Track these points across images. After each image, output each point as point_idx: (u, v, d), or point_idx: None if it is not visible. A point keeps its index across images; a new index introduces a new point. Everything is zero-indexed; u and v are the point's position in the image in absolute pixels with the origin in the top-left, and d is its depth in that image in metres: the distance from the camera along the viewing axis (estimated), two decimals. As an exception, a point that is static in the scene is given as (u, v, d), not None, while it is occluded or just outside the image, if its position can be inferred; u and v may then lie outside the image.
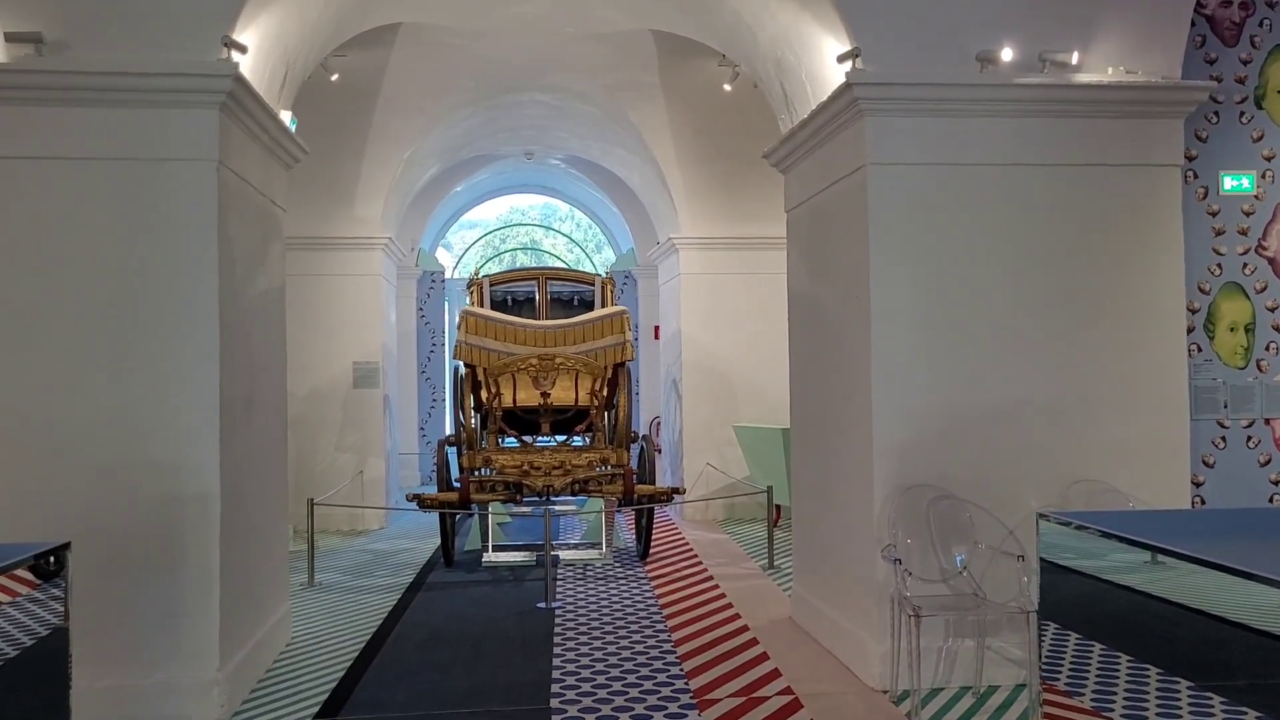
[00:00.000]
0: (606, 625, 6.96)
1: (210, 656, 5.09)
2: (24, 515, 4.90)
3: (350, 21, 7.11)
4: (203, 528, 5.09)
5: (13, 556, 3.37)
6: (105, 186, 5.08)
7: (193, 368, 5.09)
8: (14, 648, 3.41)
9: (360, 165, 11.07)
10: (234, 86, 5.14)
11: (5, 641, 3.37)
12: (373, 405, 11.56)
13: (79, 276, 5.05)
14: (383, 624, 7.08)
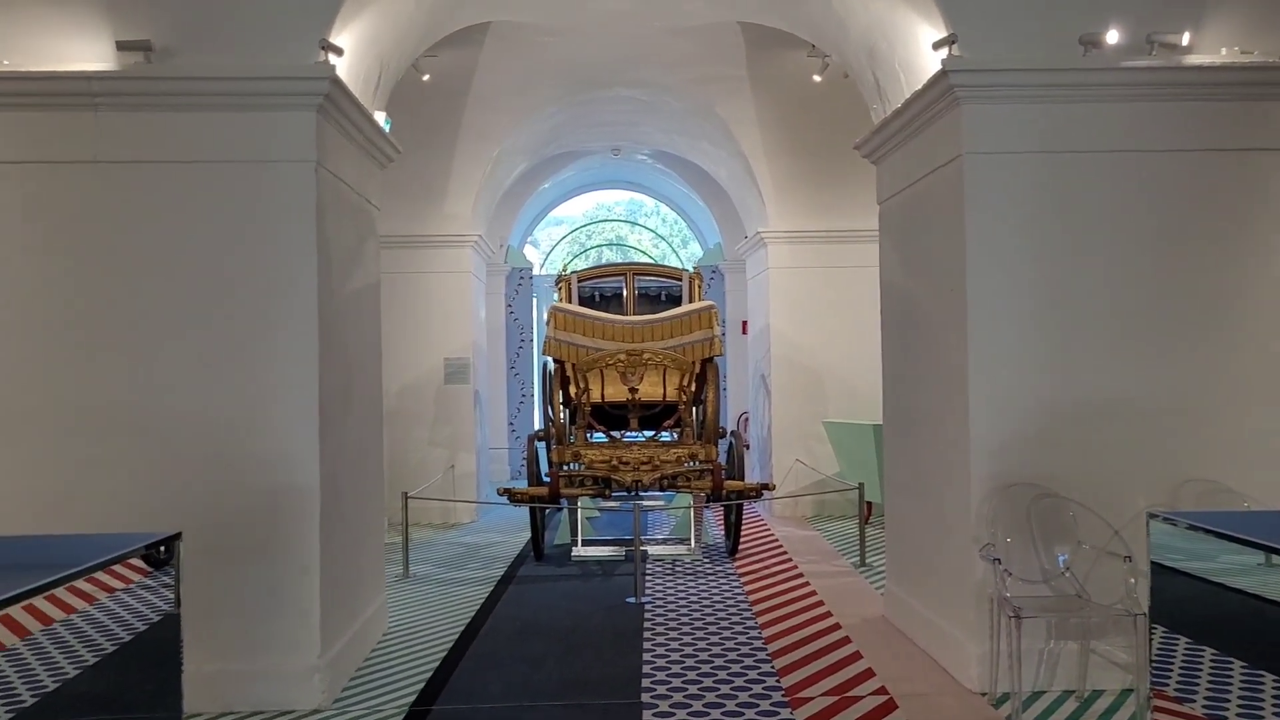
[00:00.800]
0: (696, 621, 6.94)
1: (311, 644, 5.21)
2: (138, 506, 5.08)
3: (441, 22, 7.21)
4: (303, 519, 5.21)
5: (128, 545, 3.49)
6: (210, 189, 5.22)
7: (293, 364, 5.21)
8: (130, 632, 3.53)
9: (451, 164, 11.22)
10: (330, 89, 5.24)
11: (122, 626, 3.49)
12: (463, 401, 11.72)
13: (187, 277, 5.21)
14: (475, 616, 7.18)
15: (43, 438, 5.14)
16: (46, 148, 5.18)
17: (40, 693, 2.97)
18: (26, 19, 5.19)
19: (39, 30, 5.20)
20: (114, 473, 5.14)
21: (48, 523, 4.93)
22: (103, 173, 5.20)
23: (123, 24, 5.18)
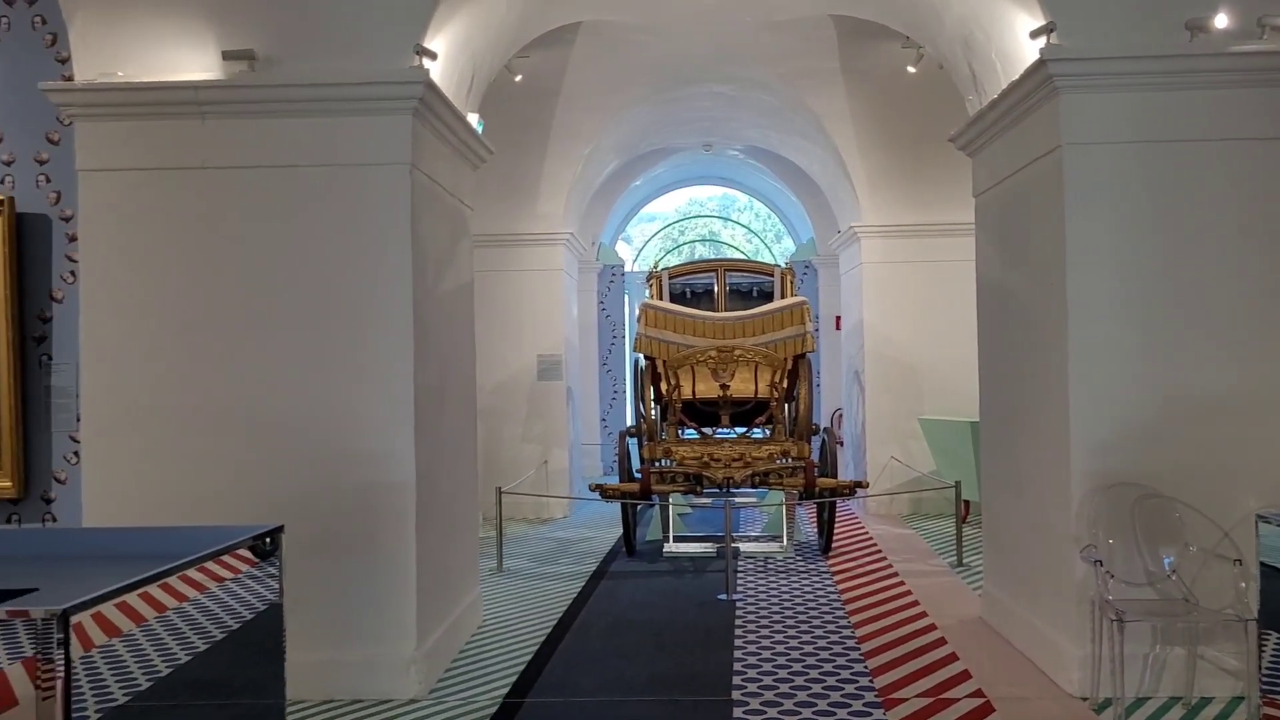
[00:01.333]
0: (788, 618, 6.91)
1: (408, 636, 5.33)
2: (244, 500, 5.26)
3: (532, 23, 7.29)
4: (400, 513, 5.34)
5: (234, 538, 3.62)
6: (310, 192, 5.38)
7: (389, 362, 5.34)
8: (237, 621, 3.66)
9: (543, 163, 11.34)
10: (425, 92, 5.35)
11: (229, 615, 3.62)
12: (556, 397, 11.84)
13: (288, 278, 5.37)
14: (568, 610, 7.26)
15: (159, 435, 5.36)
16: (158, 155, 5.40)
17: (154, 676, 3.10)
18: (139, 32, 5.41)
19: (150, 43, 5.41)
20: (223, 468, 5.34)
21: (162, 514, 5.14)
22: (210, 178, 5.39)
23: (228, 35, 5.37)
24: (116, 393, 5.39)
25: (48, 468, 5.66)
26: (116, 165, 5.42)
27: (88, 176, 5.42)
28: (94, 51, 5.43)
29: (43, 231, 5.67)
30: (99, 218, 5.43)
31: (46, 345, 5.67)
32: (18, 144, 5.67)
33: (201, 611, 3.40)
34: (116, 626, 2.91)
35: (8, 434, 5.57)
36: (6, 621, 2.53)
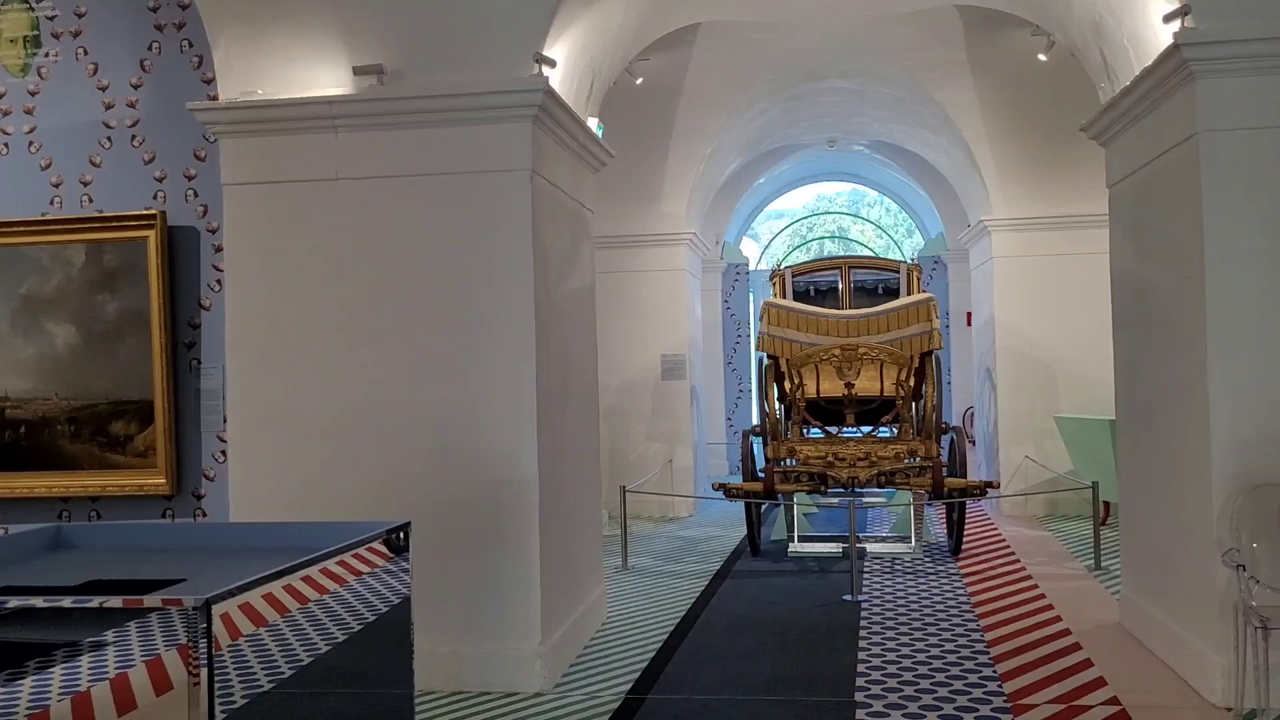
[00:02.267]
0: (915, 621, 6.80)
1: (533, 631, 5.46)
2: (377, 497, 5.48)
3: (650, 27, 7.36)
4: (524, 510, 5.47)
5: (365, 533, 3.79)
6: (435, 199, 5.56)
7: (512, 363, 5.48)
8: (371, 613, 3.82)
9: (664, 163, 11.41)
10: (544, 99, 5.47)
11: (365, 607, 3.78)
12: (680, 396, 11.90)
13: (416, 283, 5.56)
14: (691, 608, 7.30)
15: (298, 435, 5.62)
16: (295, 168, 5.66)
17: (296, 665, 3.26)
18: (276, 51, 5.69)
19: (287, 61, 5.68)
20: (357, 467, 5.57)
21: (302, 510, 5.40)
22: (342, 189, 5.63)
23: (358, 51, 5.59)
24: (259, 395, 5.68)
25: (198, 466, 6.01)
26: (257, 179, 5.71)
27: (231, 190, 5.73)
28: (236, 71, 5.73)
29: (192, 243, 6.01)
30: (242, 229, 5.73)
31: (196, 350, 6.02)
32: (169, 161, 6.02)
33: (339, 604, 3.56)
34: (263, 617, 3.07)
35: (162, 434, 5.93)
36: (159, 609, 2.71)
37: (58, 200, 6.10)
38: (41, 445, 6.04)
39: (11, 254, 6.03)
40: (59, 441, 6.03)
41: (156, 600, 2.76)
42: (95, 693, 2.86)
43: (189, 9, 5.92)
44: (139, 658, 2.85)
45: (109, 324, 6.02)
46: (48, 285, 6.04)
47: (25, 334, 6.04)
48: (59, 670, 2.94)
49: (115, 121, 6.06)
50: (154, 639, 2.85)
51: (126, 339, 6.00)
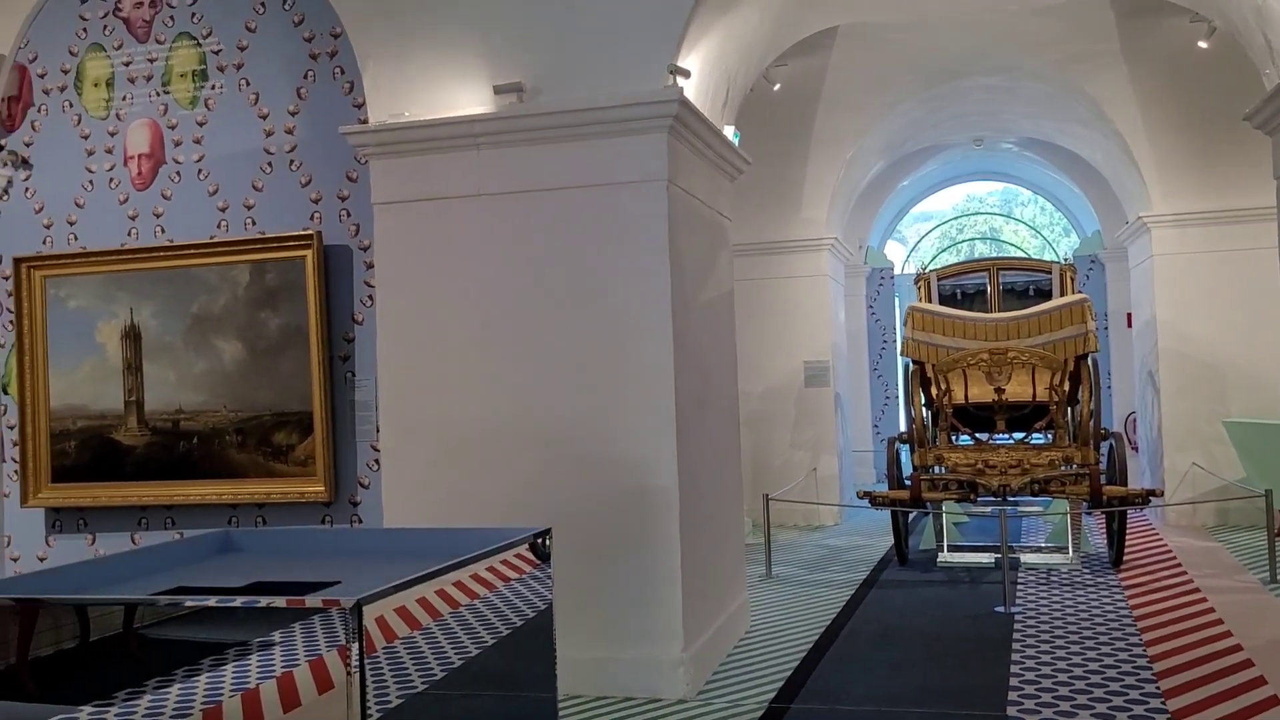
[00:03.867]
0: (1072, 634, 6.52)
1: (675, 638, 5.49)
2: (522, 504, 5.60)
3: (786, 33, 7.32)
4: (664, 518, 5.50)
5: (508, 539, 3.88)
6: (573, 212, 5.66)
7: (650, 371, 5.53)
8: (518, 617, 3.91)
9: (804, 169, 11.32)
10: (680, 110, 5.51)
11: (512, 612, 3.87)
12: (824, 403, 11.76)
13: (556, 294, 5.68)
14: (837, 618, 7.20)
15: (446, 444, 5.81)
16: (440, 185, 5.86)
17: (447, 667, 3.37)
18: (421, 74, 5.91)
19: (431, 83, 5.89)
20: (502, 475, 5.71)
21: (450, 517, 5.57)
22: (485, 204, 5.80)
23: (498, 70, 5.76)
24: (409, 406, 5.89)
25: (354, 474, 6.27)
26: (405, 197, 5.93)
27: (381, 209, 5.98)
28: (384, 95, 5.98)
29: (345, 260, 6.29)
30: (390, 246, 5.97)
31: (350, 363, 6.29)
32: (323, 183, 6.32)
33: (486, 608, 3.66)
34: (416, 620, 3.19)
35: (320, 444, 6.22)
36: (318, 610, 2.85)
37: (224, 223, 6.48)
38: (212, 455, 6.41)
39: (184, 275, 6.43)
40: (227, 451, 6.39)
41: (313, 601, 2.89)
42: (264, 690, 3.01)
43: (340, 37, 6.20)
44: (303, 657, 2.99)
45: (271, 340, 6.34)
46: (216, 304, 6.41)
47: (197, 350, 6.43)
48: (230, 668, 3.10)
49: (275, 147, 6.40)
50: (316, 639, 2.98)
51: (287, 353, 6.31)
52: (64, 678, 3.33)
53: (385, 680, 2.95)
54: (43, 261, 6.64)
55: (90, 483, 6.58)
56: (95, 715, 3.16)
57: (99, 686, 3.21)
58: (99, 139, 6.69)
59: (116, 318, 6.55)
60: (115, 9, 6.67)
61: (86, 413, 6.59)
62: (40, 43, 6.79)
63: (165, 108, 6.59)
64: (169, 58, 6.57)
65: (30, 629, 3.40)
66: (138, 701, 3.16)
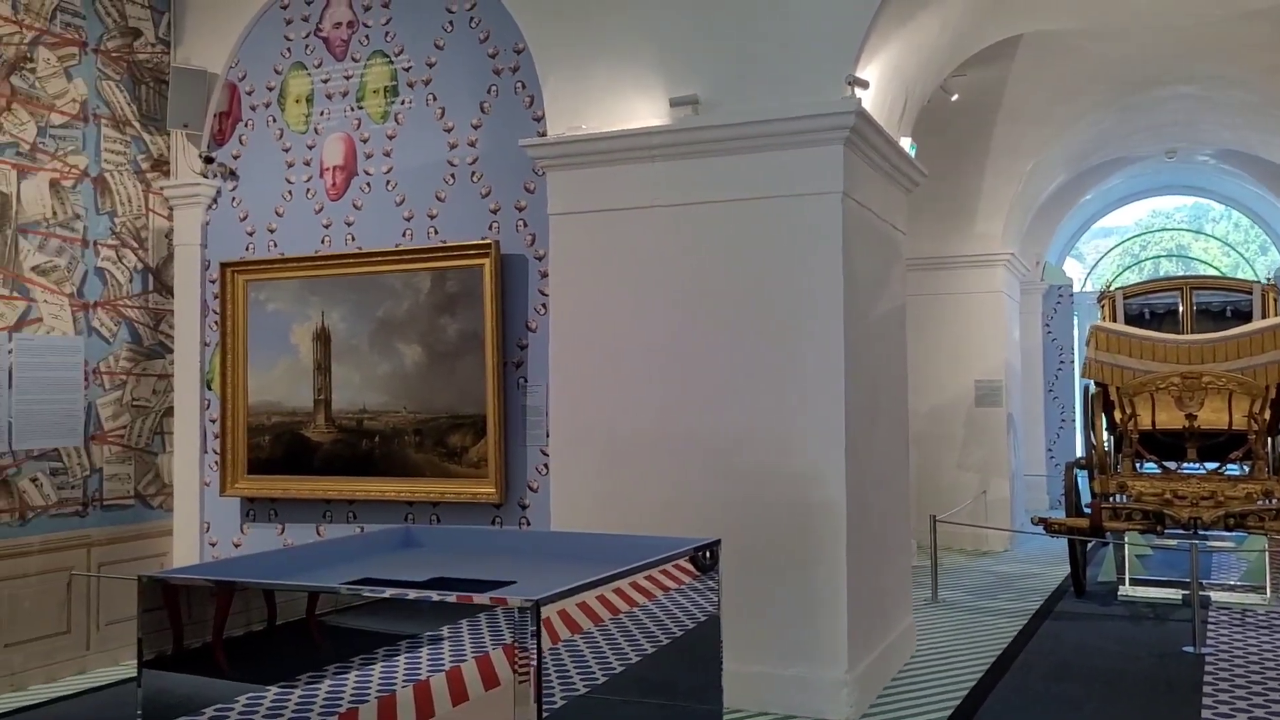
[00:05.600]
0: (1271, 680, 6.08)
1: (839, 657, 5.39)
2: (685, 514, 5.62)
3: (968, 42, 7.13)
4: (831, 535, 5.42)
5: (678, 548, 3.89)
6: (747, 224, 5.65)
7: (821, 385, 5.46)
8: (681, 627, 3.92)
9: (980, 182, 10.98)
10: (856, 121, 5.43)
11: (674, 622, 3.88)
12: (995, 424, 11.36)
13: (726, 305, 5.68)
14: (1008, 648, 6.92)
15: (613, 451, 5.89)
16: (614, 197, 5.95)
17: (609, 672, 3.40)
18: (599, 87, 6.02)
19: (608, 96, 6.00)
20: (668, 483, 5.74)
21: (615, 523, 5.63)
22: (658, 216, 5.85)
23: (674, 83, 5.81)
24: (579, 412, 6.00)
25: (524, 477, 6.42)
26: (580, 208, 6.05)
27: (557, 220, 6.12)
28: (563, 108, 6.12)
29: (520, 270, 6.46)
30: (565, 256, 6.10)
31: (523, 370, 6.45)
32: (502, 194, 6.52)
33: (648, 616, 3.68)
34: (577, 624, 3.23)
35: (493, 447, 6.39)
36: (497, 608, 2.92)
37: (409, 232, 6.76)
38: (392, 454, 6.68)
39: (371, 281, 6.74)
40: (406, 451, 6.64)
41: (488, 599, 2.97)
42: (433, 682, 3.11)
43: (523, 53, 6.38)
44: (470, 653, 3.07)
45: (449, 344, 6.57)
46: (399, 309, 6.69)
47: (381, 353, 6.72)
48: (402, 659, 3.22)
49: (457, 160, 6.63)
50: (483, 637, 3.06)
51: (464, 358, 6.52)
52: (252, 658, 3.53)
53: (551, 681, 2.99)
54: (245, 267, 7.08)
55: (281, 475, 6.96)
56: (281, 695, 3.33)
57: (284, 669, 3.39)
58: (298, 152, 7.09)
59: (309, 320, 6.91)
60: (316, 29, 7.06)
61: (280, 409, 6.98)
62: (249, 62, 7.25)
63: (359, 122, 6.92)
64: (363, 75, 6.91)
65: (226, 610, 3.61)
66: (318, 685, 3.31)
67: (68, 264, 6.65)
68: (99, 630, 6.69)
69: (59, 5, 6.65)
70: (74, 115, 6.73)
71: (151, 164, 7.25)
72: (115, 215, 6.99)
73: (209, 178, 7.26)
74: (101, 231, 6.89)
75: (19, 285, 6.36)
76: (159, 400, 7.25)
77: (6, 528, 6.23)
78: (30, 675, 6.28)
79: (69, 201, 6.68)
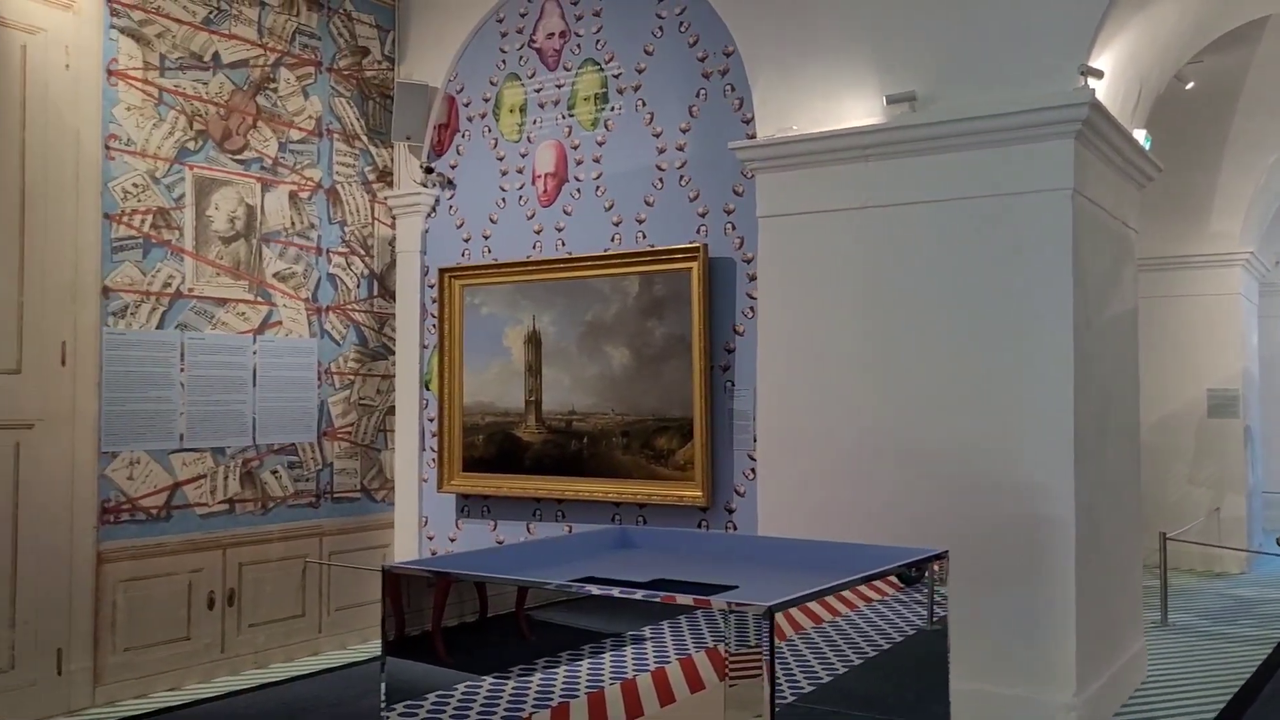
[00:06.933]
0: None
1: (1066, 680, 5.10)
2: (898, 523, 5.46)
3: (1209, 27, 6.64)
4: (1058, 550, 5.14)
5: (902, 558, 3.77)
6: (966, 224, 5.44)
7: (1047, 393, 5.19)
8: (903, 639, 3.79)
9: (1216, 176, 10.23)
10: (1089, 114, 5.14)
11: (896, 632, 3.76)
12: (1231, 436, 10.55)
13: (943, 309, 5.49)
14: (1252, 679, 6.39)
15: (822, 457, 5.79)
16: (825, 199, 5.84)
17: (815, 682, 3.32)
18: (810, 87, 5.94)
19: (820, 96, 5.91)
20: (880, 492, 5.59)
21: (824, 530, 5.53)
22: (870, 217, 5.71)
23: (890, 80, 5.66)
24: (787, 418, 5.93)
25: (730, 481, 6.40)
26: (789, 210, 5.98)
27: (765, 222, 6.07)
28: (772, 110, 6.07)
29: (728, 273, 6.44)
30: (773, 259, 6.04)
31: (730, 373, 6.42)
32: (710, 198, 6.52)
33: (852, 626, 3.57)
34: (781, 630, 3.17)
35: (699, 450, 6.40)
36: (691, 610, 2.90)
37: (617, 237, 6.86)
38: (599, 455, 6.79)
39: (580, 285, 6.87)
40: (614, 453, 6.74)
41: (725, 603, 2.94)
42: (639, 682, 3.12)
43: (732, 55, 6.37)
44: (673, 655, 3.06)
45: (656, 348, 6.62)
46: (608, 313, 6.79)
47: (589, 356, 6.85)
48: (608, 657, 3.24)
49: (666, 164, 6.68)
50: (684, 639, 3.05)
51: (670, 361, 6.56)
52: (467, 649, 3.64)
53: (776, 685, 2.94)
54: (462, 272, 7.36)
55: (494, 474, 7.19)
56: (495, 685, 3.42)
57: (497, 660, 3.48)
58: (511, 160, 7.32)
59: (521, 324, 7.12)
60: (530, 41, 7.27)
61: (493, 409, 7.21)
62: (466, 75, 7.54)
63: (569, 129, 7.08)
64: (575, 83, 7.07)
65: (444, 602, 3.74)
66: (529, 678, 3.39)
67: (304, 270, 7.09)
68: (329, 615, 7.10)
69: (298, 28, 7.11)
70: (310, 131, 7.17)
71: (377, 175, 7.65)
72: (345, 225, 7.41)
73: (429, 187, 7.59)
74: (333, 240, 7.32)
75: (262, 290, 6.83)
76: (382, 399, 7.63)
77: (251, 517, 6.70)
78: (271, 654, 6.73)
79: (305, 212, 7.12)
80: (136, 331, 6.16)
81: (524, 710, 3.31)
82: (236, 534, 6.59)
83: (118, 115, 6.11)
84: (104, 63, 6.03)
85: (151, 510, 6.19)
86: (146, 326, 6.21)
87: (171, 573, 6.25)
